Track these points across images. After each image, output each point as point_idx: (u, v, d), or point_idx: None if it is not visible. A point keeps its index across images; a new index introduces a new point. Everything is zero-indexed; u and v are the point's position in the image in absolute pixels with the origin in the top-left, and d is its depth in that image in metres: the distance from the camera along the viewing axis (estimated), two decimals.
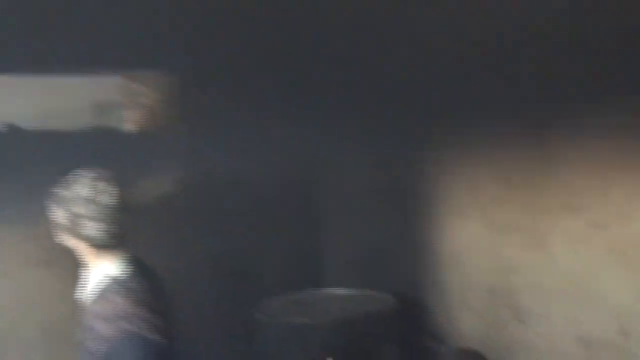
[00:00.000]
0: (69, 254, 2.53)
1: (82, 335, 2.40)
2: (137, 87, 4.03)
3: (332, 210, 4.73)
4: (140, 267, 2.50)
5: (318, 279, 4.51)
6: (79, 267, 2.55)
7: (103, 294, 2.39)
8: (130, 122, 4.02)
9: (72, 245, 2.47)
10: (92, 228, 2.38)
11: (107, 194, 2.38)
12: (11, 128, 3.62)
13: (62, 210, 2.40)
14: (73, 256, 2.52)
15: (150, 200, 3.83)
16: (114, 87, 3.96)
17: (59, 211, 2.42)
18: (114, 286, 2.39)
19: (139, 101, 4.03)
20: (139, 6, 3.71)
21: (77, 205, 2.37)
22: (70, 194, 2.39)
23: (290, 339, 3.71)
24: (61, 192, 2.41)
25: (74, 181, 2.42)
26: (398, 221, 4.36)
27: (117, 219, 2.40)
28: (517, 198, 3.71)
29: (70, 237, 2.45)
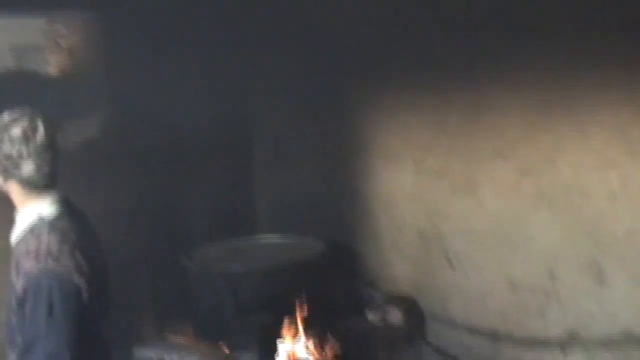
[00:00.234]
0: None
1: (11, 274, 2.35)
2: (60, 29, 3.89)
3: (264, 157, 4.68)
4: (70, 209, 2.45)
5: (251, 227, 4.48)
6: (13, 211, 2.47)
7: (32, 231, 2.35)
8: (52, 65, 3.90)
9: (3, 186, 2.40)
10: (23, 167, 2.32)
11: (37, 133, 2.33)
12: None
13: None
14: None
15: (74, 142, 3.71)
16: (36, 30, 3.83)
17: None
18: (43, 224, 2.35)
19: (61, 43, 3.91)
20: None
21: (7, 144, 2.31)
22: None
23: (222, 287, 3.69)
24: None
25: (2, 121, 2.34)
26: (329, 167, 4.34)
27: (47, 158, 2.35)
28: (448, 143, 3.73)
29: (0, 178, 2.38)
